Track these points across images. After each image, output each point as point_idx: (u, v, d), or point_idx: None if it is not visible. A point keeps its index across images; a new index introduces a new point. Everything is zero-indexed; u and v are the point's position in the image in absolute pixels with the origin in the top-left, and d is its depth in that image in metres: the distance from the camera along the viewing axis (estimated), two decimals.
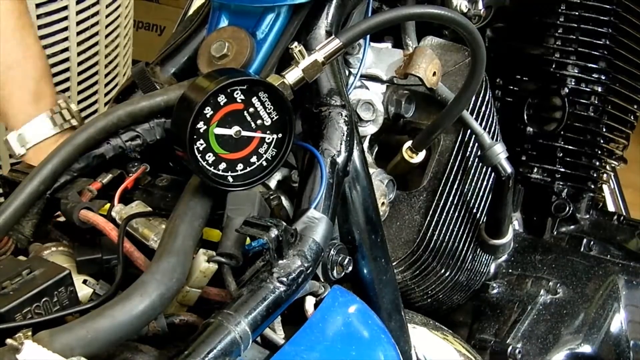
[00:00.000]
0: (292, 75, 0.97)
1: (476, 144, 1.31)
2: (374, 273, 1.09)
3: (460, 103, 1.18)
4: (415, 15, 1.10)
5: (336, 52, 0.99)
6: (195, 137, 0.90)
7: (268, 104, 0.93)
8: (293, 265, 0.87)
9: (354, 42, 1.11)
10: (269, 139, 0.94)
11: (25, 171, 1.11)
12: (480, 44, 1.08)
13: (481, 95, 1.31)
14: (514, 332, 1.47)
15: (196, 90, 0.91)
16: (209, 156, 0.91)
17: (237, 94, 0.91)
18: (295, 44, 0.97)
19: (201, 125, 0.90)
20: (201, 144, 0.90)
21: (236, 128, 0.92)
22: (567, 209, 1.61)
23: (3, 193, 1.12)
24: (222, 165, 0.93)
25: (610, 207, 1.87)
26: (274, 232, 0.86)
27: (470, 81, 1.14)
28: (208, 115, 0.90)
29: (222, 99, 0.90)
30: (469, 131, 1.29)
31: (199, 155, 0.91)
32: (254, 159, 0.94)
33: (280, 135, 0.95)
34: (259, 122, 0.93)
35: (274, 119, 0.94)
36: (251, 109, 0.93)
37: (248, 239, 0.90)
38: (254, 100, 0.92)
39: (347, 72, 1.18)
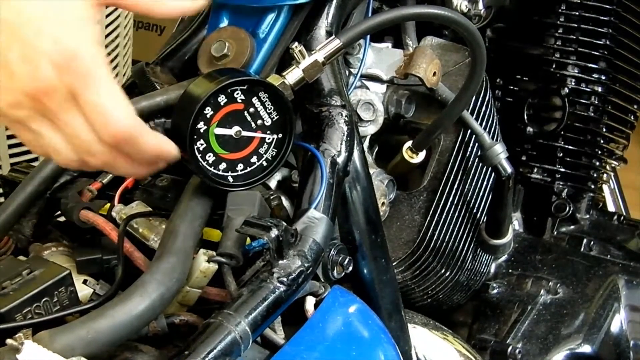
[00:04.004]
0: (293, 76, 0.97)
1: (476, 144, 1.31)
2: (374, 273, 1.09)
3: (461, 103, 1.18)
4: (415, 15, 1.10)
5: (336, 52, 0.98)
6: (195, 137, 0.90)
7: (268, 104, 0.93)
8: (293, 266, 0.87)
9: (354, 42, 1.11)
10: (269, 139, 0.94)
11: (25, 171, 1.11)
12: (480, 44, 1.08)
13: (481, 95, 1.31)
14: (514, 332, 1.47)
15: (196, 90, 0.91)
16: (209, 156, 0.91)
17: (237, 94, 0.91)
18: (296, 44, 0.97)
19: (201, 125, 0.90)
20: (201, 144, 0.90)
21: (236, 128, 0.92)
22: (567, 209, 1.61)
23: (3, 193, 1.12)
24: (223, 166, 0.93)
25: (610, 207, 1.87)
26: (274, 232, 0.85)
27: (470, 81, 1.14)
28: (208, 115, 0.90)
29: (222, 99, 0.90)
30: (469, 131, 1.29)
31: (199, 156, 0.91)
32: (254, 159, 0.94)
33: (280, 135, 0.95)
34: (259, 122, 0.93)
35: (274, 119, 0.94)
36: (251, 109, 0.93)
37: (248, 239, 0.90)
38: (254, 100, 0.92)
39: (347, 72, 1.18)
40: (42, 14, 0.78)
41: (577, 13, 1.55)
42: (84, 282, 0.95)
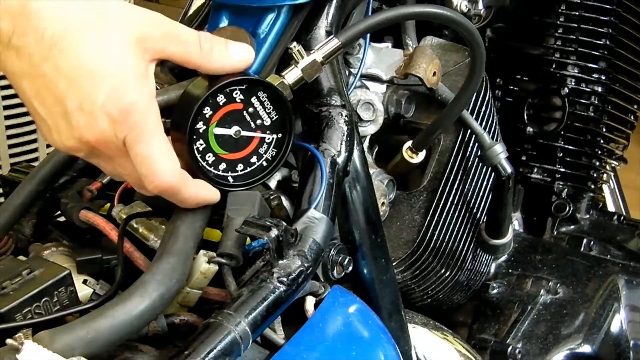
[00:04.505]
0: (292, 75, 0.97)
1: (476, 144, 1.31)
2: (374, 273, 1.09)
3: (460, 103, 1.18)
4: (415, 14, 1.10)
5: (335, 51, 0.98)
6: (194, 137, 0.90)
7: (267, 104, 0.93)
8: (293, 265, 0.87)
9: (353, 42, 1.11)
10: (268, 139, 0.94)
11: (25, 171, 1.11)
12: (480, 44, 1.08)
13: (481, 95, 1.31)
14: (514, 332, 1.47)
15: (195, 90, 0.91)
16: (209, 156, 0.91)
17: (236, 93, 0.91)
18: (295, 43, 0.97)
19: (200, 125, 0.90)
20: (201, 144, 0.90)
21: (236, 128, 0.92)
22: (567, 209, 1.61)
23: (3, 193, 1.12)
24: (222, 166, 0.93)
25: (610, 207, 1.87)
26: (274, 232, 0.85)
27: (470, 81, 1.14)
28: (207, 115, 0.90)
29: (221, 98, 0.90)
30: (469, 131, 1.29)
31: (198, 156, 0.91)
32: (254, 159, 0.94)
33: (280, 135, 0.95)
34: (258, 122, 0.93)
35: (273, 119, 0.94)
36: (250, 109, 0.92)
37: (248, 239, 0.90)
38: (253, 100, 0.92)
39: (347, 72, 1.18)
40: (100, 67, 0.80)
41: (577, 13, 1.55)
42: (84, 282, 0.95)
